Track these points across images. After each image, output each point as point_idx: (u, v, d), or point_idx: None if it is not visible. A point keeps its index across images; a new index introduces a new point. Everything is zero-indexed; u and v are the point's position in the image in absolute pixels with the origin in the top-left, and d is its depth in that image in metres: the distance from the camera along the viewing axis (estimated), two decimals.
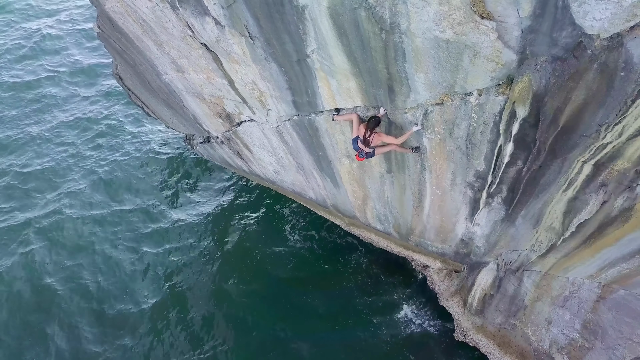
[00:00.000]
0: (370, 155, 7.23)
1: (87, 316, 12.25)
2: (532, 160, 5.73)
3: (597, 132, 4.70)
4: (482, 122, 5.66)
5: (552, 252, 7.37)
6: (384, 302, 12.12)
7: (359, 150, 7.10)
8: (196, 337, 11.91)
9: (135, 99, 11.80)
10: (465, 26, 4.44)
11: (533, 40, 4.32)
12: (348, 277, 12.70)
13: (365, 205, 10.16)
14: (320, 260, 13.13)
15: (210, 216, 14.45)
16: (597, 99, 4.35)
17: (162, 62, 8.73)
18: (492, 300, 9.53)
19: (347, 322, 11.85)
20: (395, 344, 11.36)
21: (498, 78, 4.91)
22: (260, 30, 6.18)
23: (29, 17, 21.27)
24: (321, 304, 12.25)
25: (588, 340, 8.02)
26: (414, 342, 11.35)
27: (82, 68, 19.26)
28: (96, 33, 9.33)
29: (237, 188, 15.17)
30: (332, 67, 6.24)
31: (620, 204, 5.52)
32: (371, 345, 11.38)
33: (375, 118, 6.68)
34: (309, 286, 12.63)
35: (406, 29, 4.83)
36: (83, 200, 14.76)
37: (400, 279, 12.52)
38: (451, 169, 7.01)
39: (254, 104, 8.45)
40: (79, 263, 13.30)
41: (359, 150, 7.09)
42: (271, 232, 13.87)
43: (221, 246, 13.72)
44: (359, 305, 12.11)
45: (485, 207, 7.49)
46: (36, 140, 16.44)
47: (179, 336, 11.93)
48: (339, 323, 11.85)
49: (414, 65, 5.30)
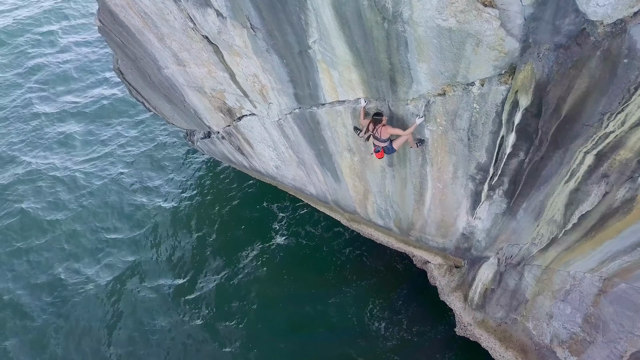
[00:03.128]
0: (390, 150, 7.15)
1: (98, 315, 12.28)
2: (534, 151, 5.73)
3: (599, 121, 4.70)
4: (484, 113, 5.65)
5: (554, 245, 7.36)
6: (382, 297, 12.11)
7: (375, 147, 7.13)
8: (189, 335, 11.92)
9: (136, 94, 11.79)
10: (468, 14, 4.43)
11: (536, 28, 4.32)
12: (344, 272, 12.68)
13: (366, 200, 10.15)
14: (315, 255, 13.14)
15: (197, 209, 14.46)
16: (600, 87, 4.34)
17: (163, 56, 8.72)
18: (493, 294, 9.52)
19: (343, 318, 11.84)
20: (395, 340, 11.35)
21: (500, 67, 4.90)
22: (262, 21, 6.17)
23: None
24: (317, 301, 12.23)
25: (589, 334, 8.02)
26: (414, 338, 11.34)
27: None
28: (97, 27, 9.33)
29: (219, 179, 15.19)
30: (333, 59, 6.24)
31: (622, 195, 5.51)
32: (370, 342, 11.37)
33: (378, 112, 6.68)
34: (304, 283, 12.63)
35: (409, 17, 4.82)
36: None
37: (400, 274, 12.50)
38: (453, 161, 7.01)
39: (255, 98, 8.45)
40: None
41: (375, 147, 7.12)
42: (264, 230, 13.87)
43: (214, 242, 13.74)
44: (356, 302, 12.10)
45: (487, 200, 7.48)
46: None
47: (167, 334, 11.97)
48: (335, 319, 11.84)
49: (417, 55, 5.30)
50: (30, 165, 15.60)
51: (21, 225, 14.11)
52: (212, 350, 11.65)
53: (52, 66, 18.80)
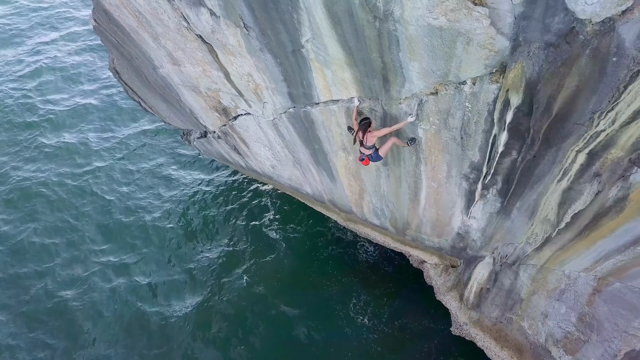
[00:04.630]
0: (376, 158, 7.18)
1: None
2: (526, 150, 5.73)
3: (590, 120, 4.70)
4: (477, 112, 5.66)
5: (548, 244, 7.36)
6: (378, 297, 12.11)
7: (360, 155, 7.16)
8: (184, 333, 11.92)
9: (132, 94, 11.79)
10: (459, 13, 4.43)
11: (526, 27, 4.32)
12: (342, 272, 12.68)
13: (361, 200, 10.16)
14: (313, 255, 13.14)
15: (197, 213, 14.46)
16: (590, 86, 4.35)
17: (158, 55, 8.72)
18: (488, 294, 9.53)
19: (338, 319, 11.83)
20: (391, 341, 11.35)
21: (491, 66, 4.91)
22: (255, 20, 6.17)
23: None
24: (313, 301, 12.23)
25: (584, 333, 8.02)
26: (410, 338, 11.34)
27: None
28: (92, 26, 9.33)
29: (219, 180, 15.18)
30: (326, 58, 6.24)
31: (614, 194, 5.51)
32: (366, 343, 11.37)
33: (366, 119, 6.69)
34: (300, 283, 12.63)
35: (399, 16, 4.82)
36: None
37: (395, 274, 12.50)
38: (446, 160, 7.01)
39: (250, 97, 8.45)
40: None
41: (360, 154, 7.15)
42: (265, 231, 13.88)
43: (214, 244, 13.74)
44: (352, 301, 12.09)
45: (481, 200, 7.48)
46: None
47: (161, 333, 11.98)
48: (330, 320, 11.82)
49: (408, 53, 5.30)
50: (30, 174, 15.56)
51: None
52: (191, 347, 11.65)
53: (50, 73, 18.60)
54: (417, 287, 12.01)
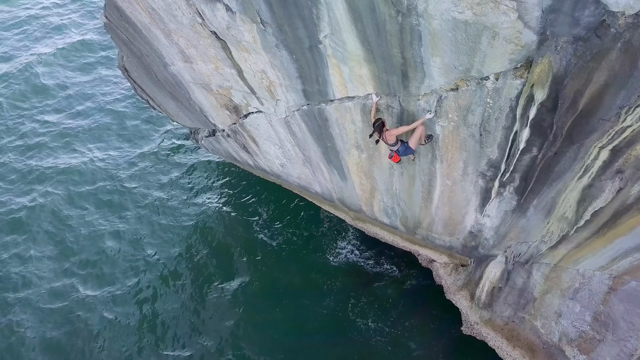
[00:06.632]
0: (404, 151, 7.02)
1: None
2: (547, 147, 5.68)
3: (617, 115, 4.65)
4: (498, 108, 5.60)
5: (564, 243, 7.31)
6: (386, 297, 12.04)
7: (389, 152, 7.17)
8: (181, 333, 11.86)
9: (140, 92, 11.73)
10: (485, 6, 4.39)
11: (554, 20, 4.27)
12: (348, 272, 12.62)
13: (372, 198, 10.10)
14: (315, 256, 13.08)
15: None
16: (619, 80, 4.29)
17: (169, 53, 8.67)
18: (500, 293, 9.47)
19: (346, 318, 11.76)
20: (400, 340, 11.28)
21: (517, 60, 4.85)
22: (273, 16, 6.12)
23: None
24: (316, 301, 12.15)
25: (599, 333, 7.96)
26: (420, 338, 11.26)
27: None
28: (103, 23, 9.27)
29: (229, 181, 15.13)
30: (344, 54, 6.18)
31: (636, 191, 5.46)
32: (374, 342, 11.29)
33: (378, 120, 6.65)
34: (303, 284, 12.56)
35: (424, 10, 4.77)
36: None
37: (404, 273, 12.43)
38: (463, 157, 6.95)
39: (263, 94, 8.40)
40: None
41: (390, 152, 7.16)
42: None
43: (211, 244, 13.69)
44: (359, 301, 12.02)
45: (497, 197, 7.43)
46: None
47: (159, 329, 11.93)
48: (336, 322, 11.74)
49: (430, 49, 5.25)
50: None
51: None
52: (195, 350, 11.60)
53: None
54: (424, 286, 11.95)
